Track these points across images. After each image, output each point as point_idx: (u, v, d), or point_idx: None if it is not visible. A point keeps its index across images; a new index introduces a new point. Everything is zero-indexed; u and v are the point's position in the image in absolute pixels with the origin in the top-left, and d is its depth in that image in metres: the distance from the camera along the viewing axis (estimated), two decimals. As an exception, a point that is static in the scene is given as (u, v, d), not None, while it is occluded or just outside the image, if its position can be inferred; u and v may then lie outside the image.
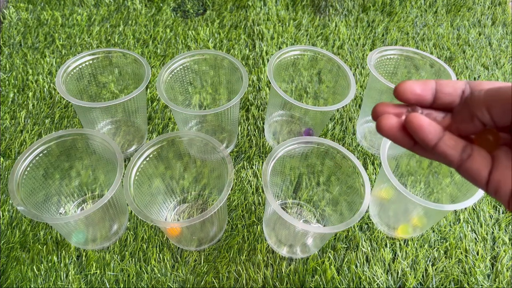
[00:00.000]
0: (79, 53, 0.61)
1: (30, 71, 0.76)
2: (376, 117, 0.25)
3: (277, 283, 0.53)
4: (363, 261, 0.55)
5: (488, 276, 0.55)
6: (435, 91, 0.24)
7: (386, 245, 0.57)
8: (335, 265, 0.55)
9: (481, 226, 0.60)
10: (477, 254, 0.57)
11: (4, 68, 0.77)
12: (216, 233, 0.56)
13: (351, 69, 0.82)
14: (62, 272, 0.52)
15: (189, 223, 0.43)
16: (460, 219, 0.60)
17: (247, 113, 0.73)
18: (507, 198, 0.21)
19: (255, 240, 0.56)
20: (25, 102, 0.71)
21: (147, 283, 0.52)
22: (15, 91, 0.73)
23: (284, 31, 0.90)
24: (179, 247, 0.55)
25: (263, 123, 0.71)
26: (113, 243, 0.55)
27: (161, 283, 0.52)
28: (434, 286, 0.54)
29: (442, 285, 0.54)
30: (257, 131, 0.70)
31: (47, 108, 0.71)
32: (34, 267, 0.52)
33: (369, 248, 0.56)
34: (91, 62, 0.62)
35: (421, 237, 0.58)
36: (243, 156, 0.66)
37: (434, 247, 0.57)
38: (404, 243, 0.57)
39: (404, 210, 0.54)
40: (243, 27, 0.90)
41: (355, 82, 0.61)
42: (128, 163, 0.51)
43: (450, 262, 0.56)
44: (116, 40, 0.84)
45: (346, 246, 0.57)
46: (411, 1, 1.00)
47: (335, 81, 0.65)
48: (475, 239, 0.58)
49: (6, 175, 0.61)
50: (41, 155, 0.50)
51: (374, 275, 0.54)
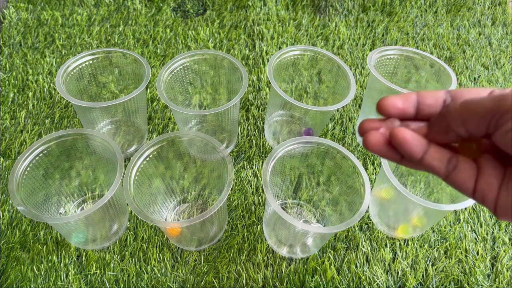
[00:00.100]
0: (79, 53, 0.61)
1: (30, 71, 0.76)
2: (362, 133, 0.25)
3: (277, 283, 0.53)
4: (363, 261, 0.55)
5: (488, 276, 0.55)
6: (417, 103, 0.25)
7: (386, 245, 0.57)
8: (335, 265, 0.55)
9: (481, 226, 0.60)
10: (477, 254, 0.57)
11: (4, 68, 0.77)
12: (216, 233, 0.56)
13: (351, 69, 0.82)
14: (62, 272, 0.52)
15: (189, 223, 0.43)
16: (460, 219, 0.60)
17: (247, 113, 0.73)
18: (493, 205, 0.22)
19: (255, 240, 0.56)
20: (25, 102, 0.71)
21: (147, 283, 0.52)
22: (15, 91, 0.73)
23: (284, 31, 0.90)
24: (179, 247, 0.55)
25: (263, 123, 0.71)
26: (113, 243, 0.55)
27: (161, 283, 0.52)
28: (434, 286, 0.54)
29: (442, 285, 0.54)
30: (257, 131, 0.70)
31: (47, 108, 0.71)
32: (34, 267, 0.52)
33: (369, 248, 0.56)
34: (91, 62, 0.62)
35: (421, 237, 0.58)
36: (243, 156, 0.66)
37: (434, 247, 0.57)
38: (404, 243, 0.57)
39: (404, 210, 0.54)
40: (243, 27, 0.90)
41: (355, 82, 0.61)
42: (128, 163, 0.51)
43: (450, 262, 0.56)
44: (116, 40, 0.84)
45: (346, 246, 0.57)
46: (411, 1, 1.00)
47: (335, 81, 0.65)
48: (475, 239, 0.58)
49: (6, 175, 0.61)
50: (41, 155, 0.50)
51: (374, 275, 0.54)
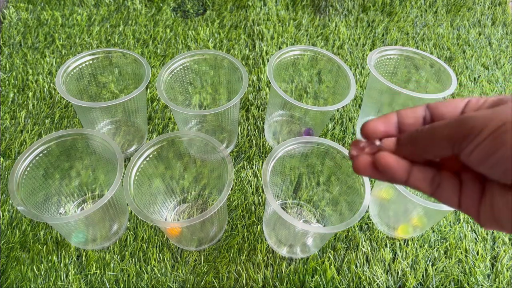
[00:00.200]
0: (79, 53, 0.61)
1: (30, 71, 0.76)
2: (351, 157, 0.26)
3: (277, 283, 0.53)
4: (363, 261, 0.55)
5: (488, 276, 0.55)
6: (397, 124, 0.25)
7: (386, 245, 0.57)
8: (335, 265, 0.55)
9: (481, 226, 0.59)
10: (477, 254, 0.57)
11: (4, 68, 0.77)
12: (216, 233, 0.55)
13: (351, 69, 0.82)
14: (62, 272, 0.52)
15: (189, 223, 0.43)
16: (460, 219, 0.60)
17: (247, 113, 0.73)
18: (477, 217, 0.23)
19: (255, 240, 0.56)
20: (25, 102, 0.71)
21: (147, 283, 0.52)
22: (15, 91, 0.73)
23: (284, 31, 0.90)
24: (179, 247, 0.55)
25: (263, 123, 0.71)
26: (113, 243, 0.55)
27: (161, 283, 0.52)
28: (434, 286, 0.54)
29: (442, 285, 0.54)
30: (257, 131, 0.70)
31: (47, 108, 0.71)
32: (34, 267, 0.52)
33: (369, 248, 0.56)
34: (91, 62, 0.62)
35: (421, 237, 0.58)
36: (243, 156, 0.66)
37: (434, 247, 0.57)
38: (404, 243, 0.57)
39: (404, 210, 0.54)
40: (243, 27, 0.90)
41: (355, 82, 0.61)
42: (128, 163, 0.51)
43: (450, 262, 0.56)
44: (116, 40, 0.84)
45: (346, 246, 0.57)
46: (411, 1, 1.00)
47: (335, 81, 0.65)
48: (475, 239, 0.58)
49: (6, 175, 0.61)
50: (41, 155, 0.50)
51: (374, 275, 0.54)
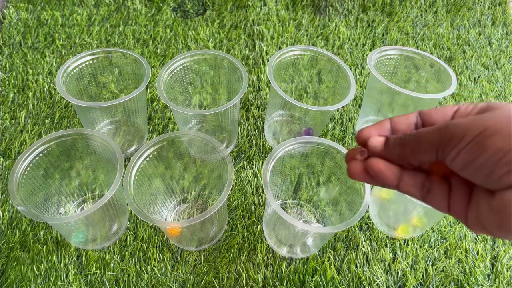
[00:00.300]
0: (79, 53, 0.61)
1: (30, 71, 0.76)
2: (347, 162, 0.26)
3: (277, 283, 0.53)
4: (363, 261, 0.55)
5: (488, 276, 0.55)
6: (391, 130, 0.26)
7: (386, 245, 0.57)
8: (335, 265, 0.55)
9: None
10: (477, 254, 0.57)
11: (4, 68, 0.77)
12: (216, 233, 0.55)
13: (351, 69, 0.82)
14: (62, 272, 0.52)
15: (189, 223, 0.43)
16: (460, 219, 0.60)
17: (247, 113, 0.73)
18: (465, 221, 0.23)
19: (255, 240, 0.56)
20: (25, 102, 0.71)
21: (147, 283, 0.52)
22: (15, 91, 0.73)
23: (284, 31, 0.90)
24: (179, 247, 0.55)
25: (263, 123, 0.71)
26: (113, 243, 0.55)
27: (161, 283, 0.52)
28: (434, 286, 0.54)
29: (442, 285, 0.54)
30: (257, 131, 0.70)
31: (47, 108, 0.71)
32: (34, 267, 0.52)
33: (369, 248, 0.56)
34: (91, 62, 0.62)
35: (421, 237, 0.58)
36: (243, 156, 0.66)
37: (434, 247, 0.57)
38: (404, 243, 0.57)
39: (404, 210, 0.54)
40: (243, 27, 0.90)
41: (355, 82, 0.61)
42: (128, 163, 0.51)
43: (450, 262, 0.56)
44: (116, 40, 0.84)
45: (346, 246, 0.57)
46: (411, 1, 1.00)
47: (335, 81, 0.65)
48: (475, 239, 0.58)
49: (6, 175, 0.61)
50: (41, 155, 0.50)
51: (374, 275, 0.54)
